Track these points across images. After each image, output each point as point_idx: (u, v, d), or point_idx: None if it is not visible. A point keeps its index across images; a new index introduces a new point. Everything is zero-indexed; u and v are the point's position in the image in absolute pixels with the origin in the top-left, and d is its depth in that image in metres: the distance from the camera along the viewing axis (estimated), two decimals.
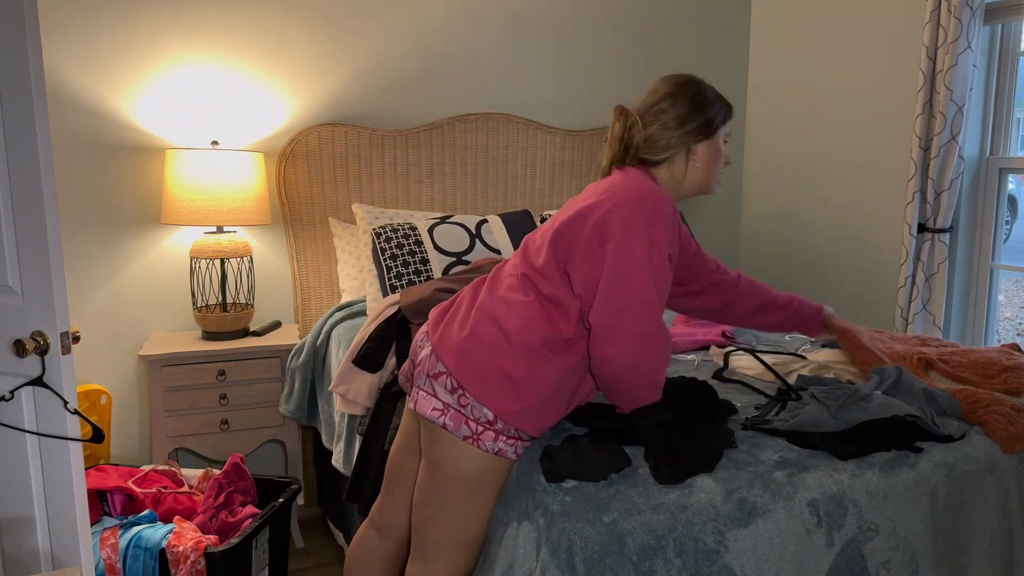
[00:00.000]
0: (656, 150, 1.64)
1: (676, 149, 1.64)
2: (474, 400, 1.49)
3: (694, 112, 1.63)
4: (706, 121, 1.64)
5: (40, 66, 1.60)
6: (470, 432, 1.50)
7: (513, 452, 1.53)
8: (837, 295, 3.43)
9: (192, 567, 2.09)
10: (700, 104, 1.64)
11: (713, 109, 1.65)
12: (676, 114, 1.63)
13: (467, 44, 3.28)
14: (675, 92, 1.64)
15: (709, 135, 1.65)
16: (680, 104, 1.63)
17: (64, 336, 1.67)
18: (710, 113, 1.65)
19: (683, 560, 1.34)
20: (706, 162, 1.67)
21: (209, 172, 2.67)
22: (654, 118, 1.64)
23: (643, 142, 1.64)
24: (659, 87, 1.66)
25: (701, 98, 1.64)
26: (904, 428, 1.64)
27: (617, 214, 1.52)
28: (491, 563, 1.51)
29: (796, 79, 3.58)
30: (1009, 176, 2.90)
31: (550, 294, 1.54)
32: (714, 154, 1.67)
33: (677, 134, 1.63)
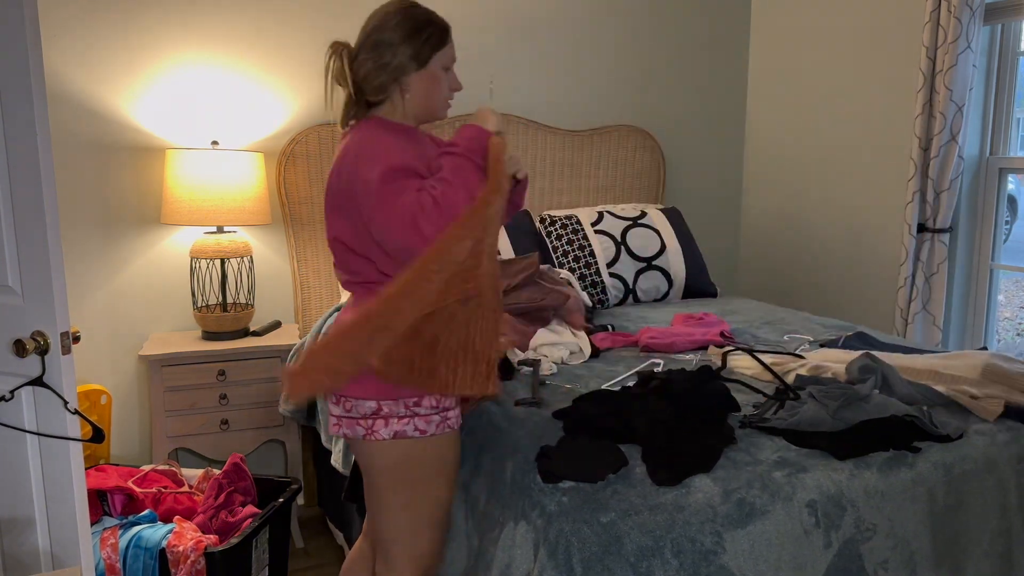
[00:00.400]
0: (375, 89, 1.54)
1: (391, 86, 1.54)
2: (354, 400, 1.53)
3: (404, 42, 1.52)
4: (414, 51, 1.52)
5: (40, 66, 1.60)
6: (364, 430, 1.54)
7: (415, 430, 1.54)
8: (837, 295, 3.43)
9: (192, 567, 2.09)
10: (408, 34, 1.52)
11: (422, 37, 1.52)
12: (386, 48, 1.51)
13: (467, 44, 3.28)
14: (382, 24, 1.52)
15: (421, 65, 1.54)
16: (389, 36, 1.51)
17: (64, 336, 1.67)
18: (418, 42, 1.52)
19: (680, 561, 1.34)
20: (422, 95, 1.56)
21: (209, 172, 2.67)
22: (368, 54, 1.53)
23: (362, 82, 1.54)
24: (373, 17, 1.55)
25: (408, 27, 1.52)
26: (902, 428, 1.64)
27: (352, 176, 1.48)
28: (488, 563, 1.51)
29: (796, 79, 3.58)
30: (1009, 176, 2.90)
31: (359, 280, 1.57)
32: (432, 84, 1.56)
33: (390, 68, 1.52)
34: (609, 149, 3.52)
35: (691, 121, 3.79)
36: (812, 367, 2.04)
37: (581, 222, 3.06)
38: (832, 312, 3.46)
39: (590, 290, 2.93)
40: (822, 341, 2.42)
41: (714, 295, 3.23)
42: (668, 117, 3.73)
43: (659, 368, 2.15)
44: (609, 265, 2.99)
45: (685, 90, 3.74)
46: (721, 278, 4.00)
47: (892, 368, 1.85)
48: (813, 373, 2.02)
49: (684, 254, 3.15)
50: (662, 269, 3.07)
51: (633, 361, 2.24)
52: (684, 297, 3.17)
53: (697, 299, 3.18)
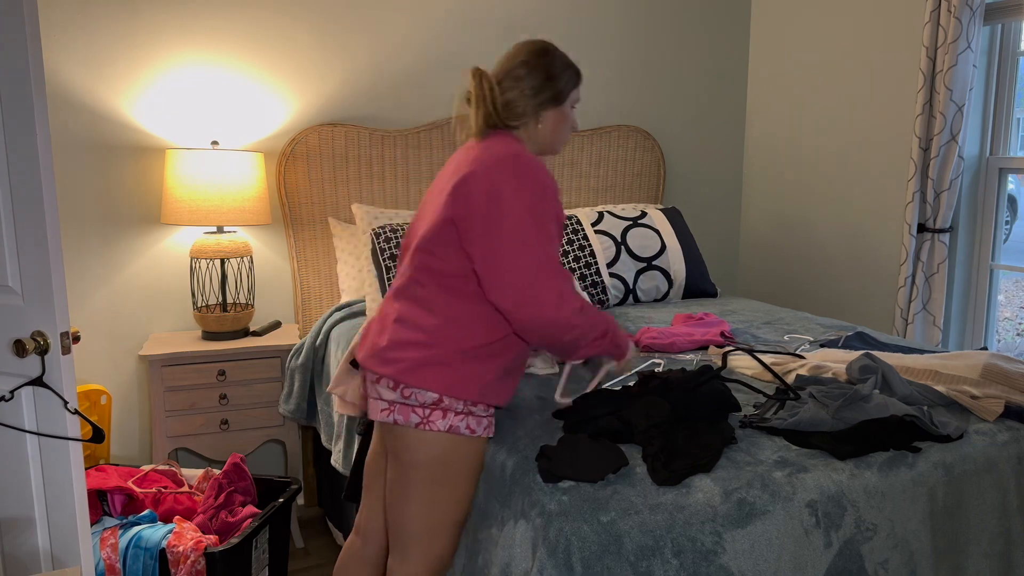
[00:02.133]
0: (514, 116, 1.71)
1: (530, 116, 1.72)
2: (416, 388, 1.55)
3: (548, 81, 1.71)
4: (557, 91, 1.72)
5: (40, 66, 1.60)
6: (419, 419, 1.56)
7: (466, 427, 1.58)
8: (837, 295, 3.43)
9: (192, 567, 2.09)
10: (553, 74, 1.72)
11: (563, 79, 1.73)
12: (532, 83, 1.70)
13: (467, 44, 3.28)
14: (531, 61, 1.71)
15: (559, 103, 1.73)
16: (536, 74, 1.70)
17: (64, 336, 1.67)
18: (560, 83, 1.73)
19: (680, 560, 1.34)
20: (553, 127, 1.75)
21: (209, 172, 2.67)
22: (512, 84, 1.70)
23: (503, 107, 1.71)
24: (516, 53, 1.73)
25: (554, 68, 1.72)
26: (903, 428, 1.64)
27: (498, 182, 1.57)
28: (488, 562, 1.52)
29: (796, 79, 3.58)
30: (1009, 176, 2.90)
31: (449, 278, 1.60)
32: (561, 120, 1.76)
33: (532, 102, 1.70)
34: (609, 149, 3.53)
35: (691, 121, 3.79)
36: (812, 367, 2.04)
37: (581, 222, 3.06)
38: (832, 312, 3.46)
39: (590, 290, 2.93)
40: (822, 341, 2.42)
41: (714, 295, 3.23)
42: (668, 117, 3.73)
43: (659, 368, 2.15)
44: (609, 265, 2.99)
45: (685, 90, 3.74)
46: (721, 278, 4.00)
47: (892, 368, 1.85)
48: (813, 373, 2.02)
49: (684, 254, 3.15)
50: (662, 269, 3.07)
51: (633, 361, 2.24)
52: (684, 297, 3.16)
53: (697, 299, 3.18)
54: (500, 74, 1.72)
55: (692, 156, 3.82)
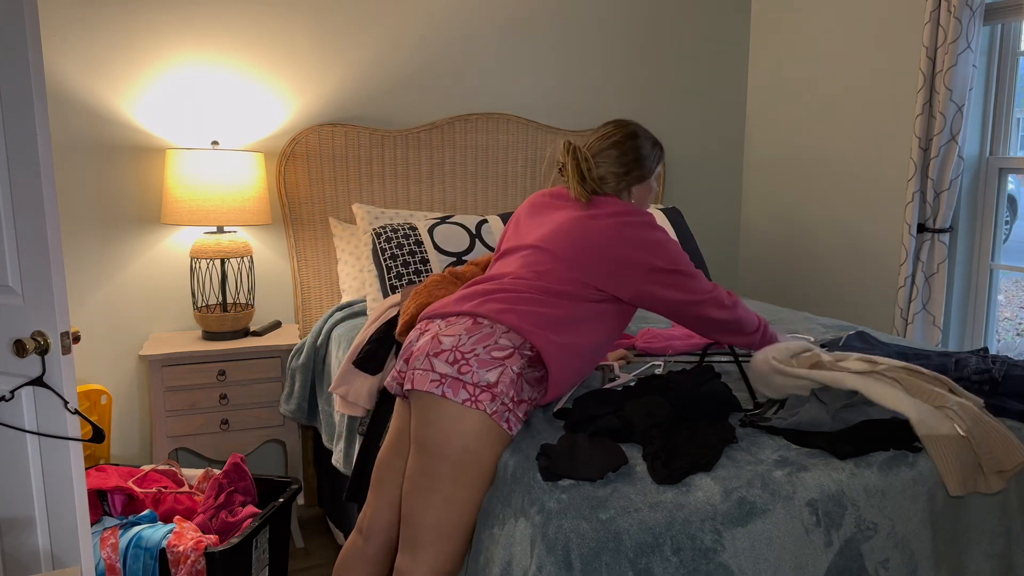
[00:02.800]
0: (607, 188, 1.90)
1: (621, 191, 1.91)
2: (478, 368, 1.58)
3: (637, 162, 1.90)
4: (646, 170, 1.92)
5: (40, 66, 1.60)
6: (468, 395, 1.56)
7: (505, 422, 1.58)
8: (837, 295, 3.43)
9: (192, 567, 2.09)
10: (641, 156, 1.91)
11: (651, 159, 1.93)
12: (623, 162, 1.88)
13: (467, 44, 3.29)
14: (623, 143, 1.90)
15: (645, 180, 1.93)
16: (626, 154, 1.89)
17: (64, 336, 1.67)
18: (649, 163, 1.92)
19: (680, 558, 1.34)
20: (640, 200, 1.94)
21: (209, 172, 2.68)
22: (604, 161, 1.89)
23: (596, 180, 1.88)
24: (609, 133, 1.92)
25: (643, 150, 1.91)
26: (903, 428, 1.64)
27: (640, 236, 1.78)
28: (488, 560, 1.52)
29: (796, 79, 3.58)
30: (1009, 176, 2.90)
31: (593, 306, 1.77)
32: (647, 193, 1.96)
33: (624, 180, 1.89)
34: None
35: (691, 121, 3.79)
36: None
37: None
38: (832, 312, 3.46)
39: None
40: (823, 341, 2.41)
41: None
42: (668, 117, 3.73)
43: (660, 369, 2.15)
44: None
45: (685, 90, 3.74)
46: (721, 278, 4.00)
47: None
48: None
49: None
50: None
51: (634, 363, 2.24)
52: None
53: None
54: (593, 150, 1.90)
55: (692, 156, 3.82)
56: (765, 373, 1.85)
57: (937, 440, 1.59)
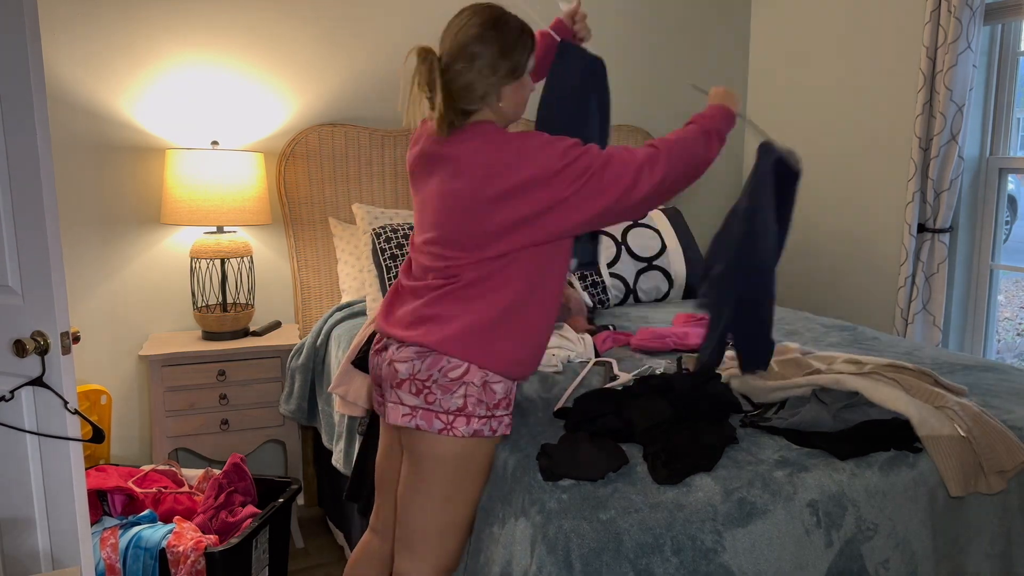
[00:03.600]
0: (474, 99, 1.56)
1: (491, 95, 1.57)
2: (441, 394, 1.53)
3: (504, 55, 1.54)
4: (514, 65, 1.56)
5: (40, 66, 1.60)
6: (442, 424, 1.54)
7: (489, 430, 1.56)
8: (837, 295, 3.43)
9: (192, 567, 2.09)
10: (507, 47, 1.55)
11: (518, 49, 1.56)
12: (489, 61, 1.54)
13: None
14: (483, 34, 1.54)
15: (519, 76, 1.58)
16: (490, 50, 1.54)
17: (64, 336, 1.67)
18: (516, 55, 1.56)
19: (680, 559, 1.34)
20: (512, 102, 1.60)
21: (209, 172, 2.67)
22: (467, 65, 1.54)
23: (460, 92, 1.55)
24: (466, 25, 1.55)
25: (507, 40, 1.55)
26: (904, 428, 1.64)
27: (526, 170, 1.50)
28: (488, 560, 1.51)
29: (796, 79, 3.58)
30: (1009, 176, 2.90)
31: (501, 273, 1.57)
32: (521, 93, 1.61)
33: (491, 80, 1.55)
34: None
35: None
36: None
37: None
38: (832, 312, 3.46)
39: (591, 290, 2.93)
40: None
41: None
42: (668, 117, 3.73)
43: (659, 370, 2.15)
44: (609, 265, 2.99)
45: (685, 90, 3.74)
46: None
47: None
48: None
49: (684, 254, 3.15)
50: (662, 269, 3.07)
51: (632, 363, 2.24)
52: (685, 297, 3.16)
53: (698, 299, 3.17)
54: (452, 54, 1.55)
55: None
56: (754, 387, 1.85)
57: (938, 440, 1.59)
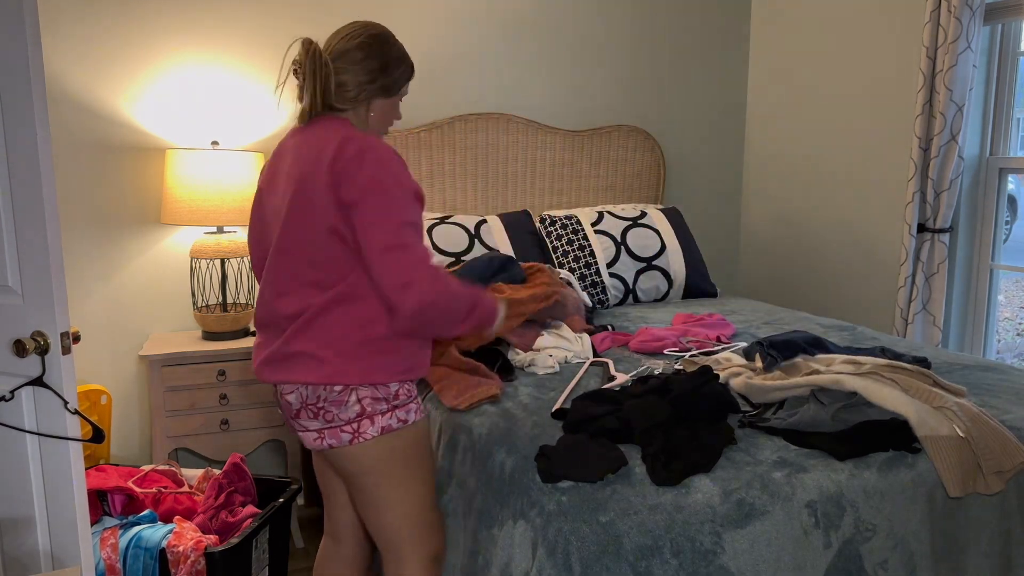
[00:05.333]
0: (345, 100, 1.61)
1: (362, 102, 1.63)
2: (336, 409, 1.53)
3: (383, 71, 1.62)
4: (391, 82, 1.64)
5: (40, 66, 1.60)
6: (350, 435, 1.55)
7: (398, 421, 1.57)
8: (837, 295, 3.43)
9: (192, 567, 2.09)
10: (388, 63, 1.63)
11: (399, 70, 1.65)
12: (368, 67, 1.60)
13: (468, 44, 3.28)
14: (370, 44, 1.61)
15: (390, 94, 1.66)
16: (373, 59, 1.61)
17: (64, 336, 1.67)
18: (396, 74, 1.65)
19: (680, 560, 1.34)
20: (381, 118, 1.67)
21: (209, 172, 2.68)
22: (346, 66, 1.60)
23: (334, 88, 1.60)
24: (354, 33, 1.62)
25: (390, 58, 1.64)
26: (902, 428, 1.64)
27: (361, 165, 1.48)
28: (487, 562, 1.52)
29: (796, 79, 3.58)
30: (1009, 176, 2.90)
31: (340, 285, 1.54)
32: (391, 112, 1.69)
33: (367, 88, 1.61)
34: (609, 149, 3.53)
35: (691, 121, 3.79)
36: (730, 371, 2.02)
37: (581, 222, 3.06)
38: (832, 312, 3.46)
39: (590, 290, 2.93)
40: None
41: (714, 295, 3.23)
42: (668, 117, 3.73)
43: (658, 370, 2.15)
44: (609, 265, 2.99)
45: (685, 90, 3.74)
46: (721, 278, 4.00)
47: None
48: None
49: (684, 254, 3.15)
50: (662, 269, 3.07)
51: (630, 363, 2.24)
52: (684, 297, 3.17)
53: (697, 299, 3.18)
54: (335, 52, 1.60)
55: (692, 156, 3.82)
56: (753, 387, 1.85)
57: (936, 441, 1.59)
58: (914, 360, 2.03)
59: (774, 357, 1.91)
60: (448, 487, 1.80)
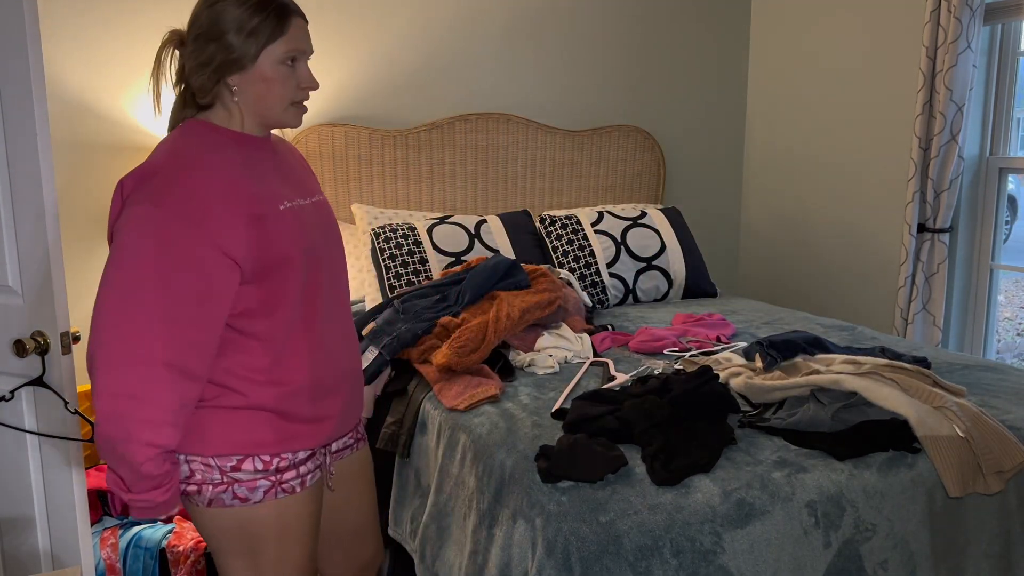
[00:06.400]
0: (200, 92, 1.31)
1: (219, 88, 1.31)
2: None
3: (212, 44, 1.27)
4: (232, 55, 1.27)
5: (40, 66, 1.61)
6: (184, 496, 1.35)
7: (232, 497, 1.32)
8: (837, 295, 3.43)
9: (192, 567, 2.09)
10: (216, 34, 1.27)
11: (238, 38, 1.27)
12: (198, 47, 1.29)
13: (467, 44, 3.28)
14: (195, 20, 1.29)
15: (242, 68, 1.29)
16: (200, 38, 1.28)
17: (64, 336, 1.67)
18: (233, 42, 1.27)
19: (680, 560, 1.34)
20: (255, 98, 1.31)
21: None
22: (188, 53, 1.31)
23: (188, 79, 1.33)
24: (194, 8, 1.31)
25: (218, 27, 1.27)
26: (902, 428, 1.64)
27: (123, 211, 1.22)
28: (487, 562, 1.52)
29: (796, 79, 3.58)
30: (1009, 176, 2.90)
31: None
32: (266, 85, 1.30)
33: (206, 73, 1.29)
34: (609, 149, 3.53)
35: (691, 121, 3.79)
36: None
37: (581, 222, 3.06)
38: (832, 312, 3.46)
39: (590, 290, 2.93)
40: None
41: (714, 295, 3.23)
42: (668, 117, 3.73)
43: (657, 370, 2.15)
44: (609, 265, 2.99)
45: (685, 90, 3.74)
46: (721, 278, 4.00)
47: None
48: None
49: (684, 254, 3.15)
50: (662, 269, 3.07)
51: (629, 363, 2.24)
52: (684, 297, 3.16)
53: (697, 299, 3.17)
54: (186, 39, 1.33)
55: (692, 156, 3.82)
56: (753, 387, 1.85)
57: (936, 441, 1.59)
58: (914, 360, 2.03)
59: (774, 357, 1.91)
60: (448, 487, 1.80)
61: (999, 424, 1.67)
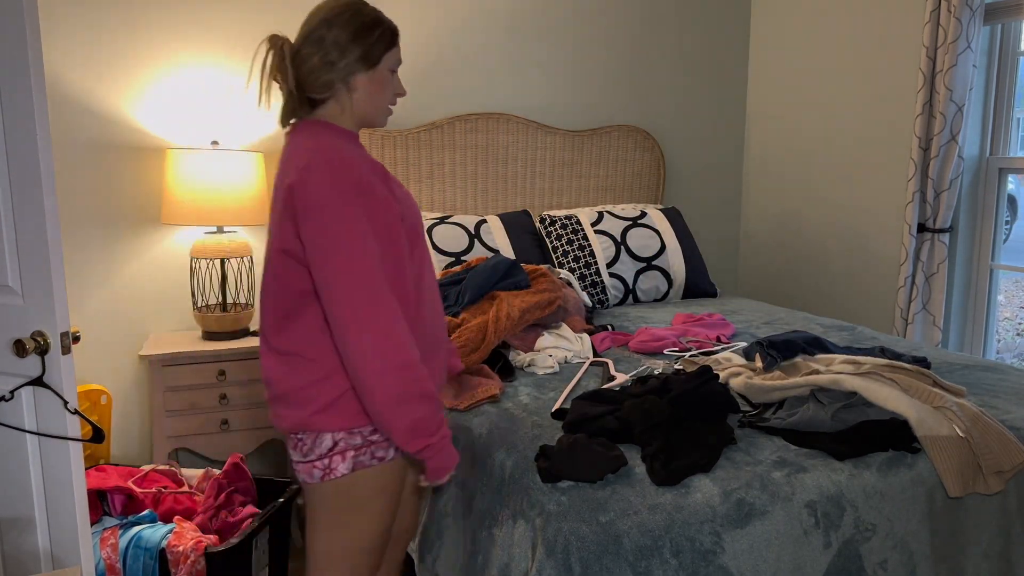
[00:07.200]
0: (319, 87, 1.46)
1: (339, 84, 1.46)
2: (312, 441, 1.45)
3: (355, 39, 1.45)
4: (367, 50, 1.46)
5: (40, 66, 1.60)
6: (321, 471, 1.46)
7: (371, 457, 1.46)
8: (837, 295, 3.43)
9: (192, 567, 2.09)
10: (359, 30, 1.45)
11: (374, 36, 1.46)
12: (336, 40, 1.44)
13: (467, 44, 3.28)
14: (335, 15, 1.45)
15: (371, 65, 1.47)
16: (339, 29, 1.44)
17: (64, 336, 1.67)
18: (371, 38, 1.46)
19: (680, 560, 1.34)
20: (368, 97, 1.49)
21: (209, 172, 2.68)
22: (313, 49, 1.44)
23: (306, 77, 1.46)
24: (317, 11, 1.47)
25: (360, 24, 1.45)
26: (902, 428, 1.64)
27: (306, 188, 1.37)
28: (486, 562, 1.52)
29: (796, 79, 3.58)
30: (1009, 176, 2.90)
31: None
32: (379, 86, 1.49)
33: (340, 65, 1.45)
34: (609, 149, 3.53)
35: (691, 121, 3.79)
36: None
37: (581, 222, 3.06)
38: (832, 312, 3.46)
39: (590, 290, 2.93)
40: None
41: (714, 295, 3.23)
42: (668, 117, 3.73)
43: (657, 370, 2.15)
44: (609, 265, 2.99)
45: (685, 90, 3.74)
46: (721, 278, 4.00)
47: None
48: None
49: (684, 254, 3.15)
50: (662, 269, 3.07)
51: (629, 363, 2.24)
52: (684, 297, 3.17)
53: (697, 299, 3.18)
54: (300, 39, 1.46)
55: (692, 156, 3.82)
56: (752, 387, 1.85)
57: (936, 441, 1.59)
58: (914, 360, 2.03)
59: (774, 357, 1.91)
60: (448, 487, 1.80)
61: (999, 424, 1.67)
